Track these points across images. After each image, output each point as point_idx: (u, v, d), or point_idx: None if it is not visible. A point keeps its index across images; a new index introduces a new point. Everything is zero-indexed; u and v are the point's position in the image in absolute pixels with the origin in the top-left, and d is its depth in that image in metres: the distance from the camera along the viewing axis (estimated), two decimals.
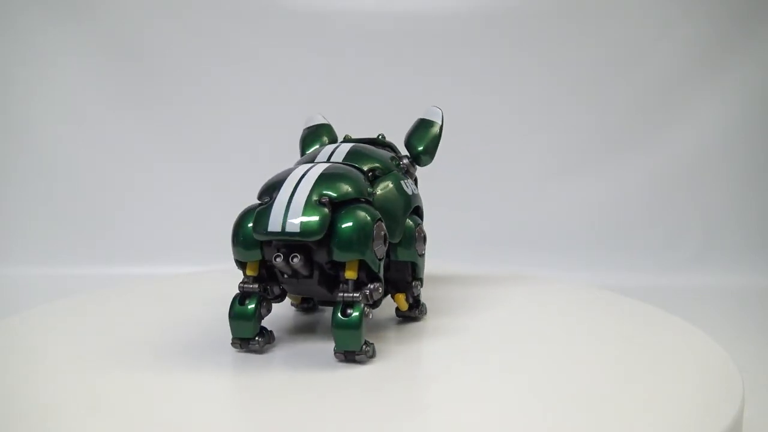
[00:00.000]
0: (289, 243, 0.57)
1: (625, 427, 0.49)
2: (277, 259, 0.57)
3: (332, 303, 0.60)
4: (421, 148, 0.73)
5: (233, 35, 1.66)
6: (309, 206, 0.57)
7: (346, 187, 0.59)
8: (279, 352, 0.63)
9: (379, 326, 0.69)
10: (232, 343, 0.61)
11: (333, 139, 0.74)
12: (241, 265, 0.61)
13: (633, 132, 1.67)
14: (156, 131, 1.66)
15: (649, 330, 0.71)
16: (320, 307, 0.73)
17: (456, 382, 0.57)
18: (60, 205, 1.66)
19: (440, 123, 0.74)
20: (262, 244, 0.58)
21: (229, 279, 0.87)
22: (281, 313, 0.72)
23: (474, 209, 1.65)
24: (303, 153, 0.74)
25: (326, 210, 0.57)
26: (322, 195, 0.58)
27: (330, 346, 0.59)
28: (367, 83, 1.65)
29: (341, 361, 0.58)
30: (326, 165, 0.62)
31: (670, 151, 1.67)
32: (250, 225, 0.58)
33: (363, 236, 0.57)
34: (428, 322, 0.70)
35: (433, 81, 1.67)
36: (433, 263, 0.76)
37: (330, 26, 1.65)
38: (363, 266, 0.58)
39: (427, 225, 0.69)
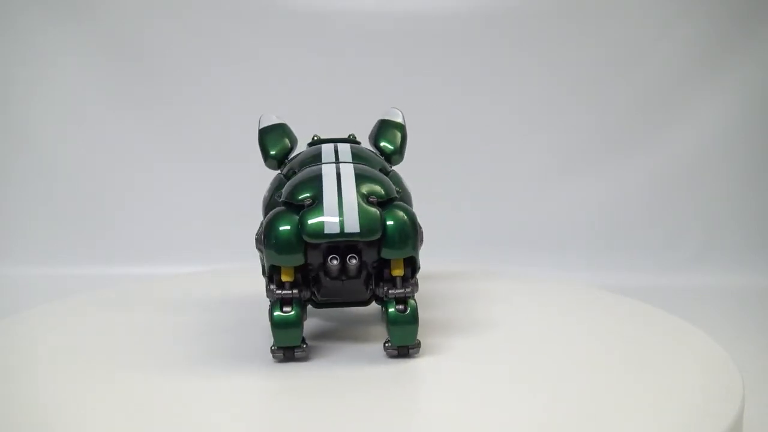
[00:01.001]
0: (343, 244, 0.56)
1: (626, 427, 0.49)
2: (334, 261, 0.56)
3: (357, 304, 0.62)
4: (393, 149, 0.72)
5: (233, 35, 1.65)
6: (362, 206, 0.57)
7: (385, 186, 0.60)
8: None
9: (369, 326, 0.69)
10: (274, 354, 0.58)
11: (294, 139, 0.71)
12: (274, 269, 0.58)
13: (633, 132, 1.67)
14: (156, 131, 1.66)
15: (649, 330, 0.71)
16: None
17: (456, 382, 0.57)
18: (60, 205, 1.66)
19: (404, 123, 0.74)
20: (306, 247, 0.56)
21: (230, 279, 0.87)
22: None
23: (474, 209, 1.65)
24: (268, 152, 0.69)
25: (378, 209, 0.57)
26: (370, 194, 0.58)
27: (333, 346, 0.59)
28: (366, 83, 1.65)
29: (393, 356, 0.59)
30: (353, 164, 0.62)
31: (670, 151, 1.67)
32: (286, 228, 0.56)
33: (411, 233, 0.58)
34: (427, 322, 0.70)
35: (432, 81, 1.67)
36: (432, 263, 0.76)
37: (330, 26, 1.65)
38: (408, 262, 0.59)
39: (427, 224, 0.69)
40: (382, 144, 0.73)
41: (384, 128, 0.74)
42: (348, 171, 0.60)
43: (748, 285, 1.54)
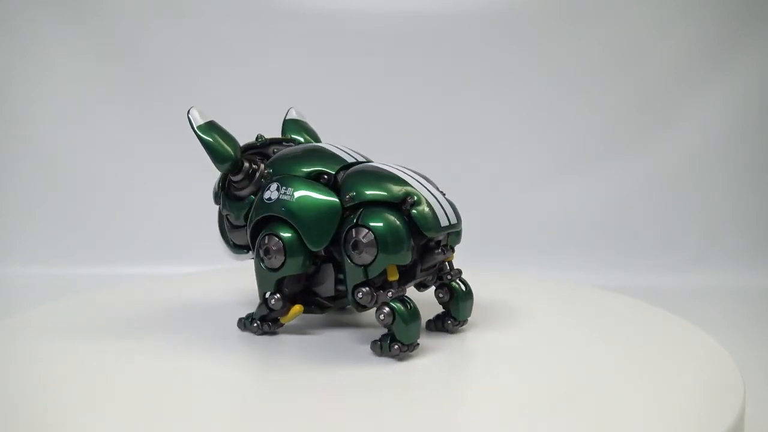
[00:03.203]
0: (437, 237, 0.62)
1: (627, 427, 0.49)
2: (446, 252, 0.62)
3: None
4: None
5: (233, 36, 1.65)
6: (448, 201, 0.64)
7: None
8: (288, 349, 0.62)
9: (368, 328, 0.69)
10: (403, 351, 0.60)
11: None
12: (386, 271, 0.60)
13: (633, 132, 1.67)
14: (156, 131, 1.66)
15: (649, 330, 0.71)
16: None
17: (456, 383, 0.57)
18: (60, 205, 1.66)
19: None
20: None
21: (230, 279, 0.87)
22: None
23: (473, 209, 1.65)
24: (229, 154, 0.67)
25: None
26: (439, 190, 0.64)
27: (335, 343, 0.59)
28: (366, 83, 1.65)
29: (452, 332, 0.67)
30: (397, 164, 0.66)
31: (670, 151, 1.67)
32: (400, 226, 0.59)
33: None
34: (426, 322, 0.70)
35: (432, 81, 1.67)
36: None
37: (330, 26, 1.65)
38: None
39: None
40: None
41: (309, 130, 0.76)
42: (407, 169, 0.65)
43: (748, 285, 1.54)
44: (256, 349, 0.63)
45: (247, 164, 0.67)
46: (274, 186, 0.64)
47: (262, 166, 0.68)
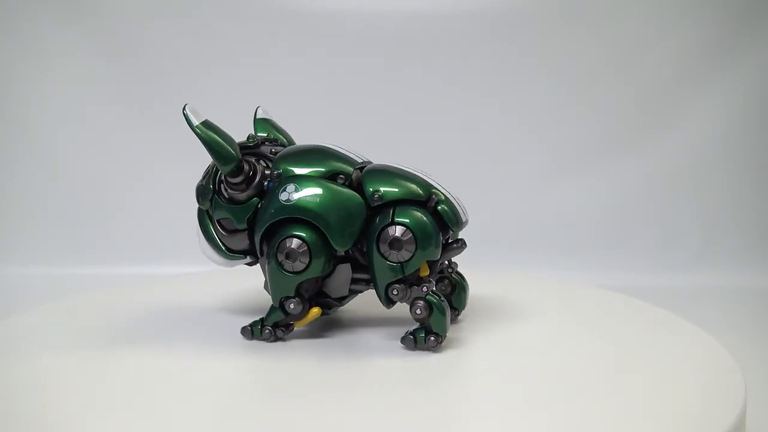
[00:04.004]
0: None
1: (627, 427, 0.49)
2: (462, 246, 0.65)
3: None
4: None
5: (233, 36, 1.65)
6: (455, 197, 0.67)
7: None
8: (290, 347, 0.63)
9: (375, 325, 0.69)
10: (438, 343, 0.63)
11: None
12: (420, 267, 0.62)
13: (633, 132, 1.67)
14: (156, 131, 1.66)
15: (649, 329, 0.71)
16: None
17: (455, 382, 0.57)
18: (60, 205, 1.65)
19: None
20: None
21: (230, 279, 0.87)
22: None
23: (473, 209, 1.64)
24: (235, 155, 0.64)
25: None
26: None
27: (335, 342, 0.59)
28: (366, 84, 1.65)
29: (454, 321, 0.70)
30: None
31: (670, 151, 1.67)
32: (432, 222, 0.62)
33: None
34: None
35: (431, 81, 1.67)
36: None
37: (330, 27, 1.65)
38: None
39: None
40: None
41: (282, 131, 0.74)
42: (414, 168, 0.67)
43: (748, 285, 1.53)
44: (257, 349, 0.64)
45: (246, 165, 0.65)
46: (290, 187, 0.63)
47: (260, 166, 0.66)
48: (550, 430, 0.48)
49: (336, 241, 0.62)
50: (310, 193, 0.62)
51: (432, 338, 0.62)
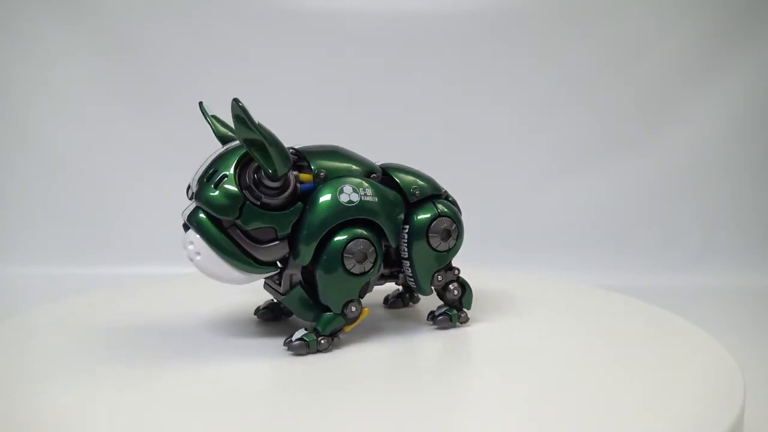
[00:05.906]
0: None
1: (627, 427, 0.49)
2: None
3: None
4: None
5: (233, 36, 1.65)
6: None
7: None
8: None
9: (374, 322, 0.69)
10: (468, 318, 0.70)
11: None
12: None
13: (633, 132, 1.67)
14: (156, 131, 1.66)
15: (649, 329, 0.71)
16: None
17: (456, 381, 0.57)
18: (60, 205, 1.66)
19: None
20: None
21: None
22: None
23: (473, 210, 1.64)
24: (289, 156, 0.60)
25: None
26: None
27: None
28: (366, 84, 1.65)
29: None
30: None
31: (670, 151, 1.67)
32: None
33: None
34: (426, 323, 0.70)
35: (431, 81, 1.67)
36: None
37: (330, 27, 1.65)
38: None
39: None
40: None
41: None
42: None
43: (748, 285, 1.54)
44: (257, 349, 0.63)
45: None
46: (348, 188, 0.61)
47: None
48: (550, 429, 0.48)
49: (392, 238, 0.64)
50: (369, 193, 0.62)
51: (463, 315, 0.69)
